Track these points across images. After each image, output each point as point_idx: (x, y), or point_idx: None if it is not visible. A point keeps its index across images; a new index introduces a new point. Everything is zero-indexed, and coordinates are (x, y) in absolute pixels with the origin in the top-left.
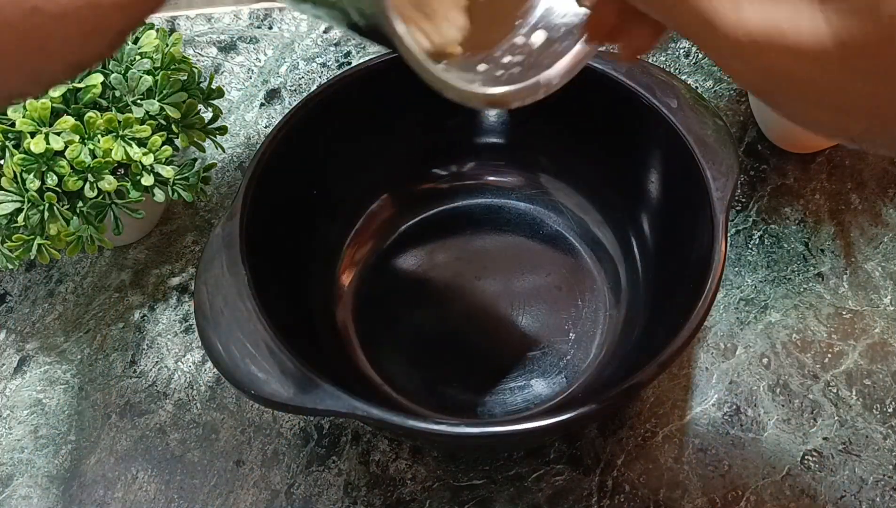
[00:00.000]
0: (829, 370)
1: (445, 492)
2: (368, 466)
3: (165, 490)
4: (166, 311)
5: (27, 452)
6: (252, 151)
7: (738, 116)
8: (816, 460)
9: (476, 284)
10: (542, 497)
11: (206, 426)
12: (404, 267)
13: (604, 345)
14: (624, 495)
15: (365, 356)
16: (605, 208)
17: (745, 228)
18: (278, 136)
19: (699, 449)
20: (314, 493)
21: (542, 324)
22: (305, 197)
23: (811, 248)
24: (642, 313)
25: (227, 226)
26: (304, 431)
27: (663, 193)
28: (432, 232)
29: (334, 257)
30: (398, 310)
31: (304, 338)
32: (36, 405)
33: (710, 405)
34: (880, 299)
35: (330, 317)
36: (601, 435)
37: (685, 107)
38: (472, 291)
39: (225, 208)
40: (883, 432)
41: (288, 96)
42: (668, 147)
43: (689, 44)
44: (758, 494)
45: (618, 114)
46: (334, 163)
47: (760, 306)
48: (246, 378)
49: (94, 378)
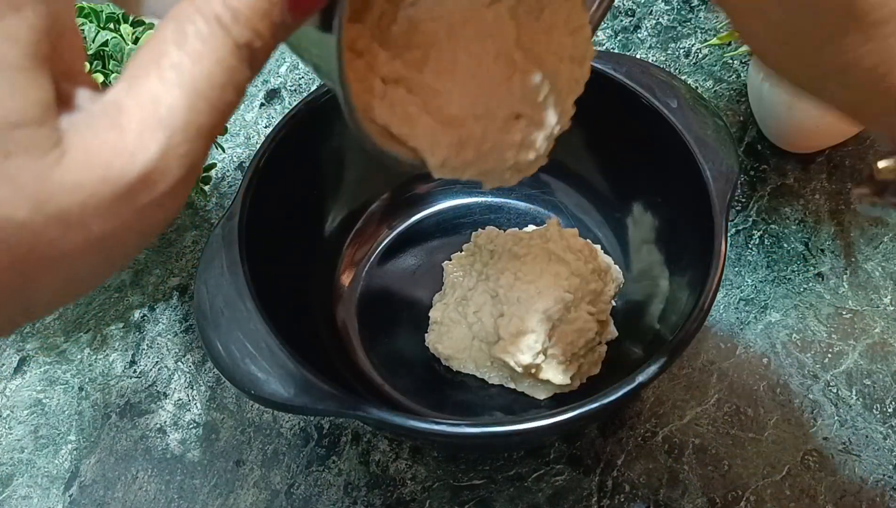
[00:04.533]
0: (829, 370)
1: (445, 492)
2: (368, 466)
3: (165, 490)
4: (166, 311)
5: (27, 452)
6: (252, 151)
7: (738, 116)
8: (816, 460)
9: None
10: (542, 497)
11: (206, 426)
12: (404, 267)
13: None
14: (624, 495)
15: (365, 356)
16: (605, 208)
17: (745, 228)
18: (278, 136)
19: (699, 449)
20: (314, 493)
21: None
22: (305, 197)
23: (811, 248)
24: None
25: (227, 226)
26: (304, 431)
27: (663, 193)
28: (432, 232)
29: (334, 257)
30: (398, 310)
31: (304, 338)
32: (36, 405)
33: (710, 405)
34: (880, 299)
35: (330, 317)
36: (601, 435)
37: (685, 107)
38: None
39: (225, 208)
40: (883, 432)
41: (288, 96)
42: (668, 147)
43: (689, 44)
44: (758, 494)
45: (618, 114)
46: (334, 163)
47: (760, 306)
48: (246, 378)
49: (94, 378)
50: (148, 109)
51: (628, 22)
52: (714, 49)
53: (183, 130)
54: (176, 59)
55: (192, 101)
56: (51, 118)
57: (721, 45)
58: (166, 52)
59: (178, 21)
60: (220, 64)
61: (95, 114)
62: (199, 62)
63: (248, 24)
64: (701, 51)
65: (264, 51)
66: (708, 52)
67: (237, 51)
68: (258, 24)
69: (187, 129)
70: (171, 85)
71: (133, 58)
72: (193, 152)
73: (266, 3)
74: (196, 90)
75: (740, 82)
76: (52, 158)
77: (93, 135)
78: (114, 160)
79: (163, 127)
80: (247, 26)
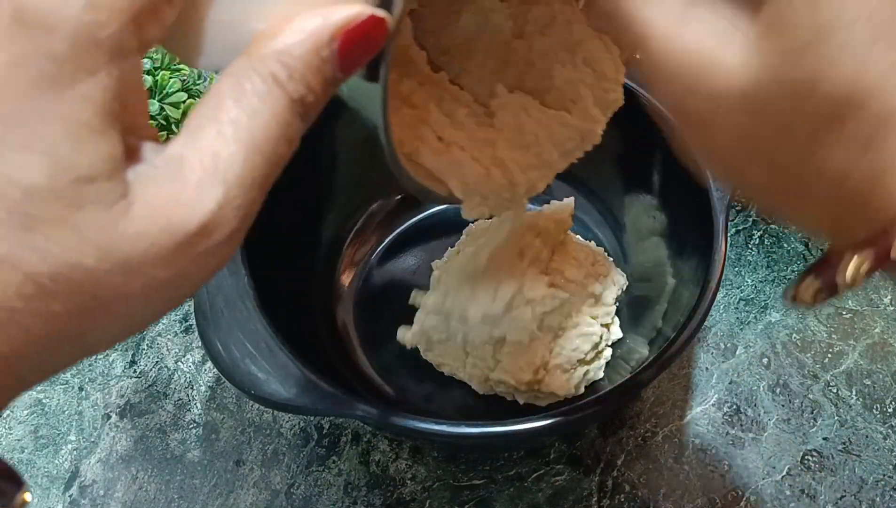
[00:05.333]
0: (829, 370)
1: (445, 492)
2: (368, 466)
3: (165, 490)
4: None
5: (27, 452)
6: None
7: None
8: (816, 460)
9: None
10: (542, 497)
11: (206, 426)
12: (405, 267)
13: None
14: (624, 495)
15: (365, 356)
16: (605, 208)
17: (745, 228)
18: None
19: (699, 449)
20: (314, 493)
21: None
22: (305, 197)
23: (811, 248)
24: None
25: None
26: (304, 431)
27: (663, 193)
28: (432, 231)
29: (334, 257)
30: (398, 310)
31: (304, 338)
32: (36, 405)
33: (710, 405)
34: (880, 299)
35: (330, 317)
36: (601, 435)
37: None
38: None
39: None
40: (883, 432)
41: None
42: (668, 147)
43: None
44: (758, 494)
45: (617, 113)
46: (334, 163)
47: (760, 306)
48: (246, 378)
49: (94, 378)
50: (207, 163)
51: None
52: None
53: (239, 183)
54: (234, 115)
55: (248, 154)
56: (119, 172)
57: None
58: (224, 107)
59: (236, 77)
60: (276, 119)
61: (159, 166)
62: (255, 117)
63: (303, 80)
64: None
65: (316, 105)
66: None
67: (291, 106)
68: (311, 80)
69: (243, 182)
70: (228, 139)
71: (193, 111)
72: (248, 204)
73: (319, 61)
74: (252, 145)
75: None
76: (118, 210)
77: (156, 187)
78: (175, 212)
79: (221, 181)
80: (301, 82)
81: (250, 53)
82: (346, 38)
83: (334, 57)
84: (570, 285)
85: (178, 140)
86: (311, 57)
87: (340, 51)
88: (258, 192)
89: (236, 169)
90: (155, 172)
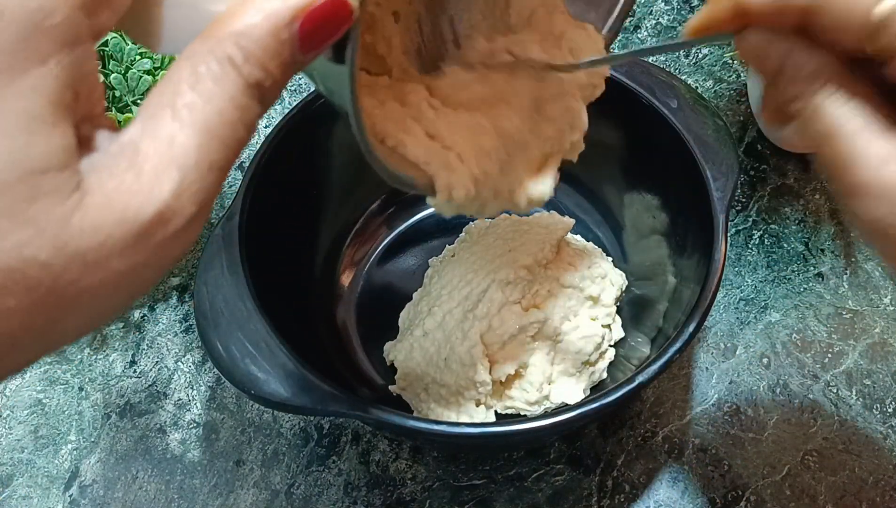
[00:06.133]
0: (829, 370)
1: (445, 492)
2: (368, 466)
3: (165, 490)
4: (166, 311)
5: (27, 452)
6: (252, 152)
7: (738, 116)
8: (816, 460)
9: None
10: (542, 497)
11: (206, 426)
12: (404, 267)
13: None
14: (624, 495)
15: (365, 356)
16: (605, 208)
17: (745, 228)
18: (278, 136)
19: (699, 449)
20: (314, 493)
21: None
22: (305, 197)
23: (811, 248)
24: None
25: (227, 226)
26: (304, 431)
27: (663, 193)
28: (432, 232)
29: (334, 258)
30: (398, 310)
31: (304, 338)
32: (36, 405)
33: (710, 405)
34: (880, 299)
35: (330, 317)
36: (601, 435)
37: (685, 107)
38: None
39: (225, 208)
40: (883, 432)
41: (288, 97)
42: (668, 147)
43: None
44: (758, 494)
45: (618, 114)
46: (334, 163)
47: (760, 306)
48: (246, 378)
49: (94, 378)
50: (162, 150)
51: (628, 22)
52: (714, 49)
53: (196, 168)
54: (189, 99)
55: (204, 139)
56: (72, 163)
57: (721, 46)
58: (180, 92)
59: (191, 61)
60: (232, 102)
61: (113, 155)
62: (210, 101)
63: (259, 63)
64: (701, 51)
65: (274, 88)
66: (708, 53)
67: (248, 89)
68: (269, 64)
69: (200, 167)
70: (184, 124)
71: (148, 97)
72: (206, 189)
73: (276, 43)
74: (208, 129)
75: (740, 82)
76: (72, 202)
77: (110, 176)
78: (130, 201)
79: (177, 166)
80: (257, 66)
81: (207, 36)
82: (307, 19)
83: (294, 39)
84: (567, 289)
85: (133, 127)
86: (268, 39)
87: (302, 32)
88: (216, 176)
89: (192, 154)
90: (110, 161)
